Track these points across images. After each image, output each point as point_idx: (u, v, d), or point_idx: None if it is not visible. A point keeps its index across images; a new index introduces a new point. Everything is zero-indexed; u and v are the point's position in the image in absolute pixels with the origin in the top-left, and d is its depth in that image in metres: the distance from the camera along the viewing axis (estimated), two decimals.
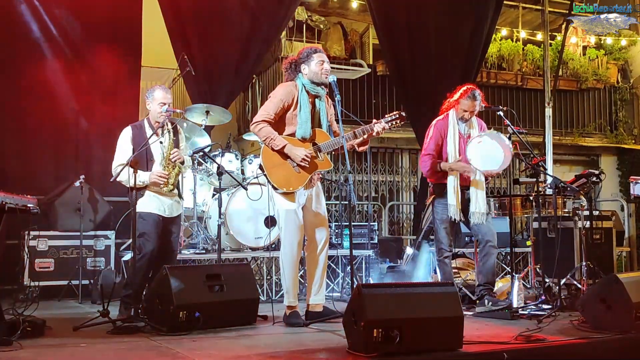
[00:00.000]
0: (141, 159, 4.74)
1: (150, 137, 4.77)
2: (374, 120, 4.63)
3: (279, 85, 4.75)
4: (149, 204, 4.79)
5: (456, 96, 5.38)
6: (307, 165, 4.50)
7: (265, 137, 4.49)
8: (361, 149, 4.79)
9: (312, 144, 4.59)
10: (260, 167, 4.56)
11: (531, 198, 5.63)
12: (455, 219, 5.29)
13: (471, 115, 5.38)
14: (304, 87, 4.60)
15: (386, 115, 4.65)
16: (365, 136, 4.64)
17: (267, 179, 4.53)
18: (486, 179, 5.43)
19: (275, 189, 4.52)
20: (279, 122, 4.57)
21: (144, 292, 4.79)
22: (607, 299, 4.21)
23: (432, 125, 5.47)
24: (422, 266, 6.88)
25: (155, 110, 4.85)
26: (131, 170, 4.52)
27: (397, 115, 4.61)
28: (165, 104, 4.82)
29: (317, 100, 4.66)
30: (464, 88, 5.38)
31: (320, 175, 4.78)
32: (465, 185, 5.34)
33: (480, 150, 5.16)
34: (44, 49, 6.91)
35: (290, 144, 4.51)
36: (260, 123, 4.50)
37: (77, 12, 6.97)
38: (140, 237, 4.74)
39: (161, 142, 4.84)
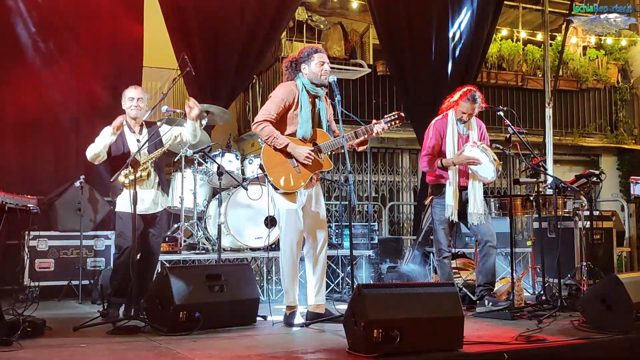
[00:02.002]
0: (118, 153, 4.85)
1: (159, 131, 4.95)
2: (374, 121, 4.64)
3: (279, 85, 4.74)
4: (128, 204, 4.58)
5: (456, 97, 5.36)
6: (310, 164, 4.50)
7: (268, 136, 4.48)
8: (360, 148, 4.79)
9: (312, 144, 4.59)
10: (261, 167, 4.55)
11: (531, 198, 5.62)
12: (452, 220, 5.29)
13: (470, 117, 5.37)
14: (304, 87, 4.60)
15: (385, 116, 4.66)
16: (365, 136, 4.64)
17: (267, 178, 4.53)
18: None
19: (275, 189, 4.52)
20: (279, 122, 4.56)
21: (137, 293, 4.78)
22: (607, 299, 4.20)
23: (431, 125, 5.46)
24: (422, 266, 6.88)
25: (126, 106, 4.97)
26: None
27: (396, 116, 4.62)
28: (133, 98, 4.93)
29: (317, 100, 4.65)
30: (464, 89, 5.35)
31: (320, 176, 4.78)
32: (463, 186, 5.34)
33: (476, 154, 5.16)
34: (44, 50, 6.90)
35: (293, 142, 4.51)
36: (261, 123, 4.50)
37: (78, 13, 6.96)
38: (118, 236, 4.87)
39: (138, 140, 4.89)
